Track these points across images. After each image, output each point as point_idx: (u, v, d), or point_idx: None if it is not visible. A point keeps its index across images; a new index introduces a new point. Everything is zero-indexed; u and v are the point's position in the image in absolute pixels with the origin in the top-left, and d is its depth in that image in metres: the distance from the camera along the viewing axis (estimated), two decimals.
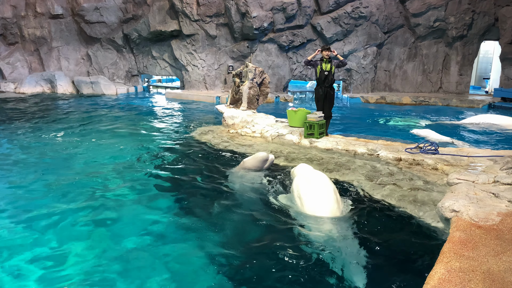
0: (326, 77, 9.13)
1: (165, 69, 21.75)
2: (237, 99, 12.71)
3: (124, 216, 5.49)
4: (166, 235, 4.99)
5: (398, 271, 4.23)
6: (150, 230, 5.09)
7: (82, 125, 12.11)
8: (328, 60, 9.11)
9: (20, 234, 4.90)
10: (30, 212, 5.51)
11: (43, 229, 5.04)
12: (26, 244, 4.66)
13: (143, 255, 4.48)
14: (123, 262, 4.34)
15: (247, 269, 4.23)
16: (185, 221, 5.37)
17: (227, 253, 4.51)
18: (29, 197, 6.11)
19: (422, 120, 14.38)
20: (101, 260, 4.35)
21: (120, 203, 5.95)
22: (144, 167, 7.73)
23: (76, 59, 22.06)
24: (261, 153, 7.22)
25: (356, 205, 5.79)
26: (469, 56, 20.82)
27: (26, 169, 7.54)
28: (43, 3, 20.79)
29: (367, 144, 8.50)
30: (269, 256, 4.44)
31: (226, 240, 4.84)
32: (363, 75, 21.05)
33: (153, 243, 4.75)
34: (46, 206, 5.70)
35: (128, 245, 4.71)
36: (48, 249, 4.57)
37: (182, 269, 4.27)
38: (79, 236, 4.90)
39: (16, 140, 9.91)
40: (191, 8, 19.20)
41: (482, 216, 4.34)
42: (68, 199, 6.02)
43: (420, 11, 20.26)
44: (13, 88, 20.17)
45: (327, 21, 19.67)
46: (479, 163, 6.97)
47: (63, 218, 5.35)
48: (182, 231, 5.08)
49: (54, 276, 4.07)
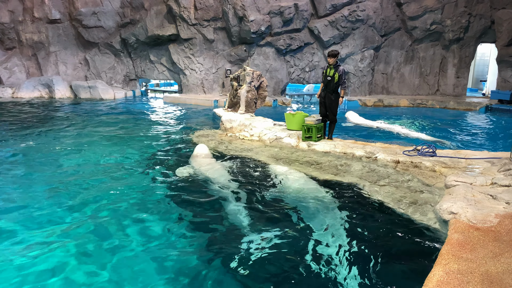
0: (329, 82, 9.14)
1: (163, 73, 21.77)
2: (235, 102, 12.72)
3: (122, 219, 5.48)
4: (162, 237, 4.98)
5: (396, 273, 4.23)
6: (145, 234, 5.08)
7: (78, 129, 12.09)
8: (333, 66, 9.09)
9: (20, 236, 4.89)
10: (30, 214, 5.50)
11: (44, 230, 5.03)
12: (23, 243, 4.65)
13: (144, 259, 4.47)
14: (122, 266, 4.33)
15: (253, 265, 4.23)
16: (183, 223, 5.37)
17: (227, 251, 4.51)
18: (27, 203, 6.09)
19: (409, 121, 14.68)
20: (100, 265, 4.34)
21: (116, 206, 5.93)
22: (141, 171, 7.71)
23: (73, 64, 22.06)
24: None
25: (354, 207, 5.79)
26: (466, 58, 20.91)
27: (25, 172, 7.53)
28: (40, 8, 20.81)
29: (365, 147, 8.51)
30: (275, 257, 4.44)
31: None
32: (360, 78, 21.11)
33: (149, 246, 4.74)
34: (44, 210, 5.69)
35: (128, 247, 4.70)
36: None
37: (185, 271, 4.26)
38: (78, 238, 4.88)
39: (15, 145, 9.89)
40: (189, 12, 19.25)
41: (480, 218, 4.34)
42: (62, 204, 6.00)
43: (416, 14, 20.37)
44: (11, 93, 20.15)
45: (324, 24, 19.75)
46: (477, 165, 6.98)
47: (61, 218, 5.34)
48: (181, 234, 5.07)
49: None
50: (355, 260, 4.39)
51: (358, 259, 4.42)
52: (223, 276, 4.16)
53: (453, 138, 11.67)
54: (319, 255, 4.49)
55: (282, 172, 7.30)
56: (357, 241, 4.81)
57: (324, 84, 9.29)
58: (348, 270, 4.23)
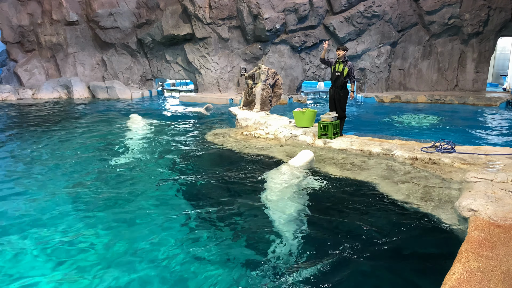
0: (338, 77, 9.09)
1: (178, 73, 21.93)
2: (250, 101, 12.74)
3: (141, 216, 5.54)
4: (186, 236, 5.02)
5: (415, 271, 4.17)
6: (166, 232, 5.13)
7: (94, 128, 12.27)
8: (342, 61, 9.06)
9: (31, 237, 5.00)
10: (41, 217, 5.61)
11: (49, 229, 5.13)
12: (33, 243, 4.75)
13: (172, 257, 4.51)
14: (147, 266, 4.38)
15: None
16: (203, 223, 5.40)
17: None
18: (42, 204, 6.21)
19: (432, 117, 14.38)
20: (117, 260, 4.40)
21: (134, 204, 6.01)
22: (158, 170, 7.79)
23: (91, 65, 22.40)
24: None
25: (372, 204, 5.74)
26: (485, 53, 20.49)
27: (47, 171, 7.68)
28: (58, 10, 21.17)
29: (382, 144, 8.42)
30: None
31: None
32: (377, 74, 20.88)
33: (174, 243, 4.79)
34: (62, 206, 5.80)
35: (151, 247, 4.75)
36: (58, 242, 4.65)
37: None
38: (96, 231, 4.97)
39: (35, 145, 10.10)
40: (204, 11, 19.32)
41: (501, 215, 4.25)
42: (78, 198, 6.11)
43: (434, 8, 20.03)
44: (31, 95, 20.56)
45: (340, 21, 19.59)
46: (498, 161, 6.84)
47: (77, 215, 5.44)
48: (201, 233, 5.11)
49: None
50: (372, 257, 4.35)
51: (376, 256, 4.38)
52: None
53: (473, 134, 11.46)
54: (336, 252, 4.46)
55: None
56: (374, 238, 4.77)
57: (332, 80, 9.23)
58: (365, 267, 4.20)
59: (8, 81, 21.95)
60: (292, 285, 3.91)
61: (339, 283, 3.95)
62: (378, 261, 4.29)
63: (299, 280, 3.98)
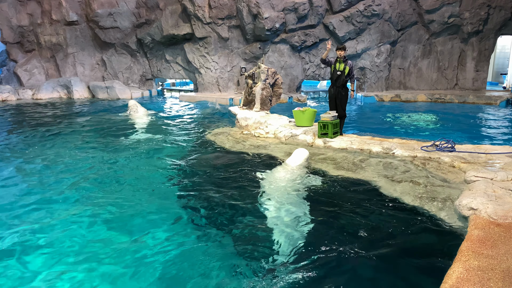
0: (339, 77, 9.09)
1: (178, 73, 21.92)
2: (250, 100, 12.74)
3: (138, 216, 5.55)
4: (183, 236, 5.02)
5: (414, 269, 4.18)
6: (164, 230, 5.13)
7: (94, 128, 12.27)
8: (342, 60, 9.06)
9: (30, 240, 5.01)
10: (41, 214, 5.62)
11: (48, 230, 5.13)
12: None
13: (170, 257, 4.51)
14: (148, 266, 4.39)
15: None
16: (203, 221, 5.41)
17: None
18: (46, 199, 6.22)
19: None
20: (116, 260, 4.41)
21: (133, 203, 6.01)
22: (157, 169, 7.79)
23: (91, 65, 22.40)
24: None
25: (371, 203, 5.74)
26: (485, 51, 20.48)
27: (49, 172, 7.69)
28: (58, 11, 21.17)
29: (382, 143, 8.42)
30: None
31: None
32: (377, 73, 20.88)
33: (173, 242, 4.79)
34: (60, 204, 5.81)
35: (152, 243, 4.76)
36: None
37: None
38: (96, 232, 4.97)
39: (38, 145, 10.11)
40: (203, 11, 19.31)
41: (501, 214, 4.25)
42: (79, 197, 6.12)
43: (434, 7, 20.02)
44: (31, 95, 20.55)
45: (340, 20, 19.58)
46: (498, 160, 6.84)
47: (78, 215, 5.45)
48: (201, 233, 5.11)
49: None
50: (372, 256, 4.35)
51: (376, 255, 4.38)
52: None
53: (473, 133, 11.46)
54: (335, 251, 4.47)
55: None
56: (374, 237, 4.77)
57: (333, 79, 9.23)
58: (365, 266, 4.20)
59: (8, 81, 21.95)
60: (292, 285, 3.91)
61: (339, 282, 3.96)
62: (378, 260, 4.29)
63: (298, 280, 3.98)
